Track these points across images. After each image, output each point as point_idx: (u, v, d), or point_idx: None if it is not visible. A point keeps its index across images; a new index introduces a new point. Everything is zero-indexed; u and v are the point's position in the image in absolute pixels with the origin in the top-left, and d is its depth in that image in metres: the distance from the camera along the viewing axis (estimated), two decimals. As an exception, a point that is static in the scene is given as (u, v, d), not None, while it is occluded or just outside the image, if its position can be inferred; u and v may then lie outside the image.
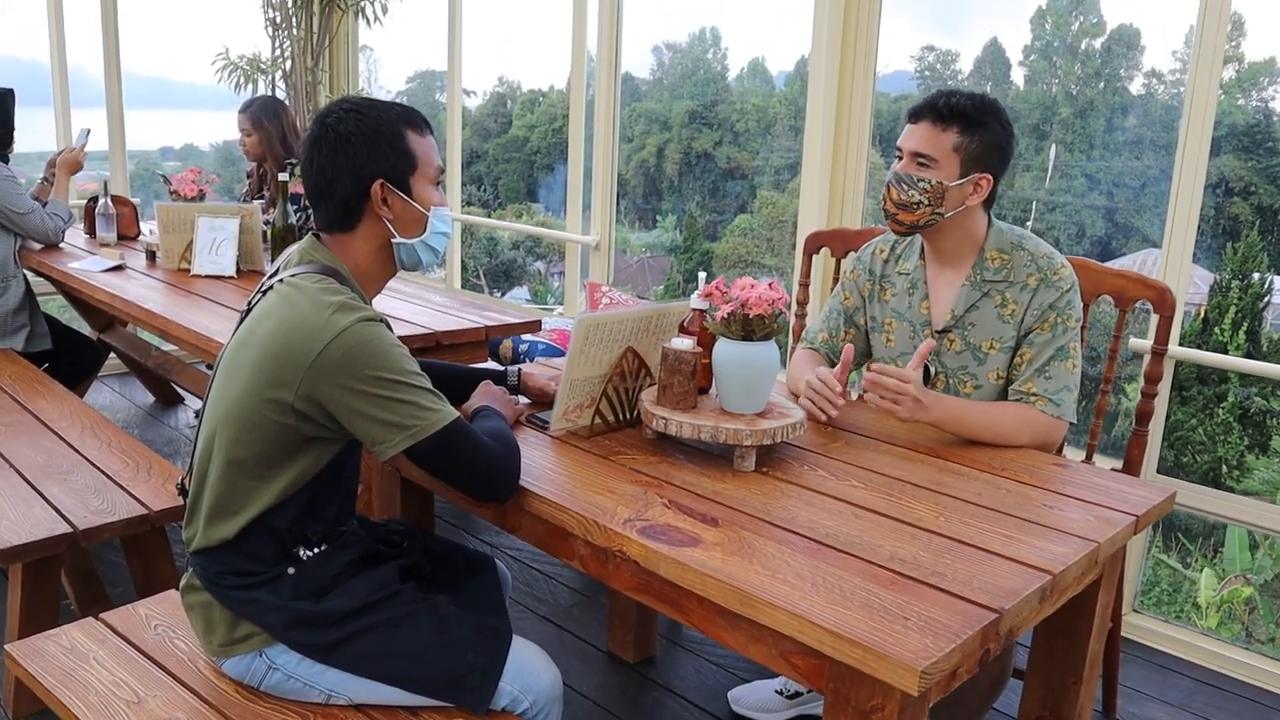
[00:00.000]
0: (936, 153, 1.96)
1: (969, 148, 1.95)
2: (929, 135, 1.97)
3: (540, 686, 1.65)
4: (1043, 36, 28.71)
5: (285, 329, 1.53)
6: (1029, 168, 26.53)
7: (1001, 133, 1.97)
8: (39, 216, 3.60)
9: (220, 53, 4.61)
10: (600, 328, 1.83)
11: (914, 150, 1.98)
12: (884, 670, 1.22)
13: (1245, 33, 25.59)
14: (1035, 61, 29.13)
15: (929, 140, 1.97)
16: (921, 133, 1.98)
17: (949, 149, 1.96)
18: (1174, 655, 2.81)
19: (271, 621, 1.58)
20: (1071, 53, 28.32)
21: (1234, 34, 25.06)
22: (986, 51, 30.67)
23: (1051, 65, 28.81)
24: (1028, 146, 26.68)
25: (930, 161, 1.97)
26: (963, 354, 2.08)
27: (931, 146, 1.96)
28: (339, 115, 1.64)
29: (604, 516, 1.55)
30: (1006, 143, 1.98)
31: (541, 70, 42.01)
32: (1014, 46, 28.97)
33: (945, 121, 1.96)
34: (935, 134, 1.96)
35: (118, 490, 2.36)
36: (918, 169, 1.98)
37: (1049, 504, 1.70)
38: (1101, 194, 25.76)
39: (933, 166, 1.97)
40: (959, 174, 1.96)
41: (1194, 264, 2.81)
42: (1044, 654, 1.88)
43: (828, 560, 1.45)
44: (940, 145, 1.96)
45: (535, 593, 2.99)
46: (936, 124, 1.96)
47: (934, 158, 1.96)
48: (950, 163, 1.96)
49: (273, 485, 1.56)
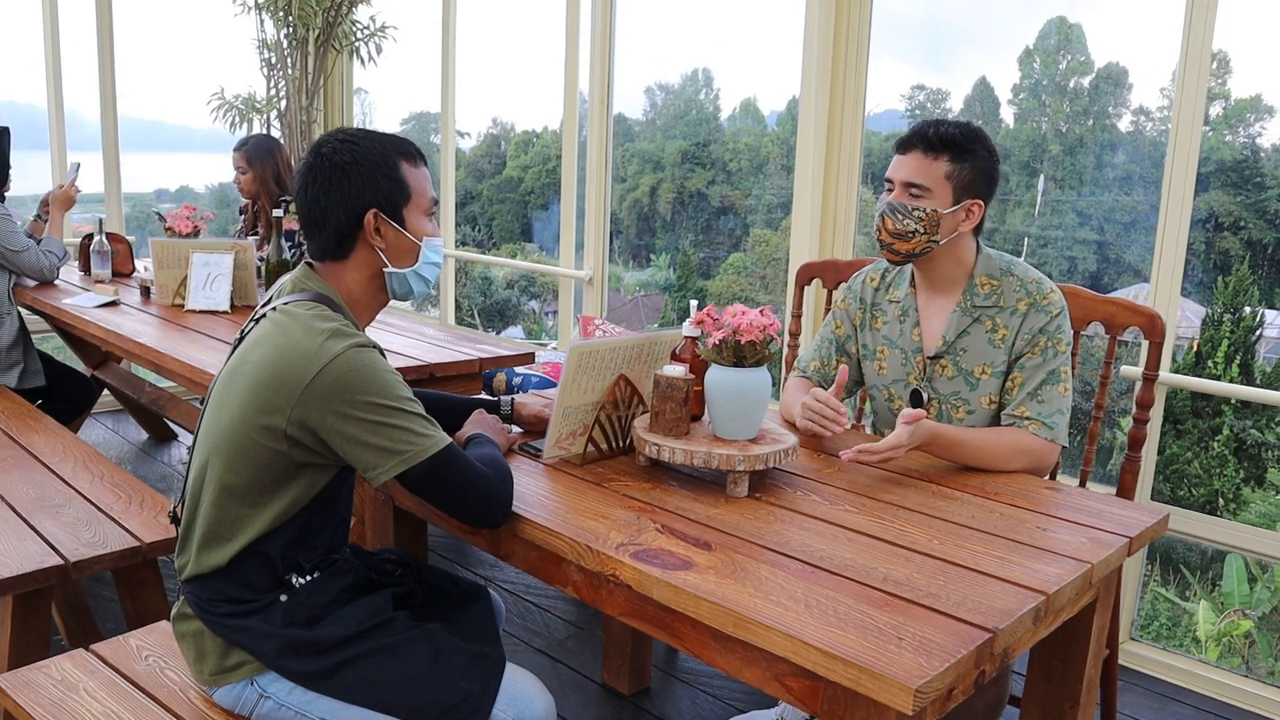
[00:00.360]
0: (929, 181, 1.98)
1: (960, 175, 1.97)
2: (920, 165, 1.99)
3: (534, 714, 1.63)
4: (1031, 75, 29.01)
5: (278, 355, 1.54)
6: (1019, 204, 26.71)
7: (989, 159, 2.00)
8: (34, 254, 3.61)
9: (216, 92, 4.65)
10: (593, 355, 1.84)
11: (906, 180, 2.01)
12: (878, 690, 1.21)
13: (1231, 70, 25.88)
14: (1024, 100, 29.41)
15: (921, 170, 1.99)
16: (913, 163, 2.00)
17: (941, 177, 1.98)
18: (1173, 684, 2.79)
19: (263, 649, 1.57)
20: (1060, 91, 28.62)
21: (1220, 71, 25.37)
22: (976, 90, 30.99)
23: (1040, 104, 29.09)
24: (1018, 183, 26.86)
25: (923, 191, 1.99)
26: (955, 379, 2.08)
27: (924, 176, 1.99)
28: (334, 145, 1.66)
29: (596, 541, 1.55)
30: (994, 168, 2.01)
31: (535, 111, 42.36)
32: (1003, 85, 29.21)
33: (936, 151, 1.98)
34: (927, 163, 1.99)
35: (109, 523, 2.35)
36: (911, 199, 2.00)
37: (1042, 526, 1.70)
38: (1092, 229, 25.91)
39: (926, 196, 1.99)
40: (951, 201, 1.99)
41: (1186, 298, 2.83)
42: (1040, 679, 1.87)
43: (821, 582, 1.44)
44: (932, 174, 1.98)
45: (530, 625, 2.97)
46: (927, 154, 1.99)
47: (927, 186, 1.99)
48: (943, 191, 1.98)
49: (265, 512, 1.56)
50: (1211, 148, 24.92)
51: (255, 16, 4.57)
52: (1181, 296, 2.77)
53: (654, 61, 42.87)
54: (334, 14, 4.56)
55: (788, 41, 3.83)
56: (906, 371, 2.14)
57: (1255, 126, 25.76)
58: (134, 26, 5.07)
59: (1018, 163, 27.36)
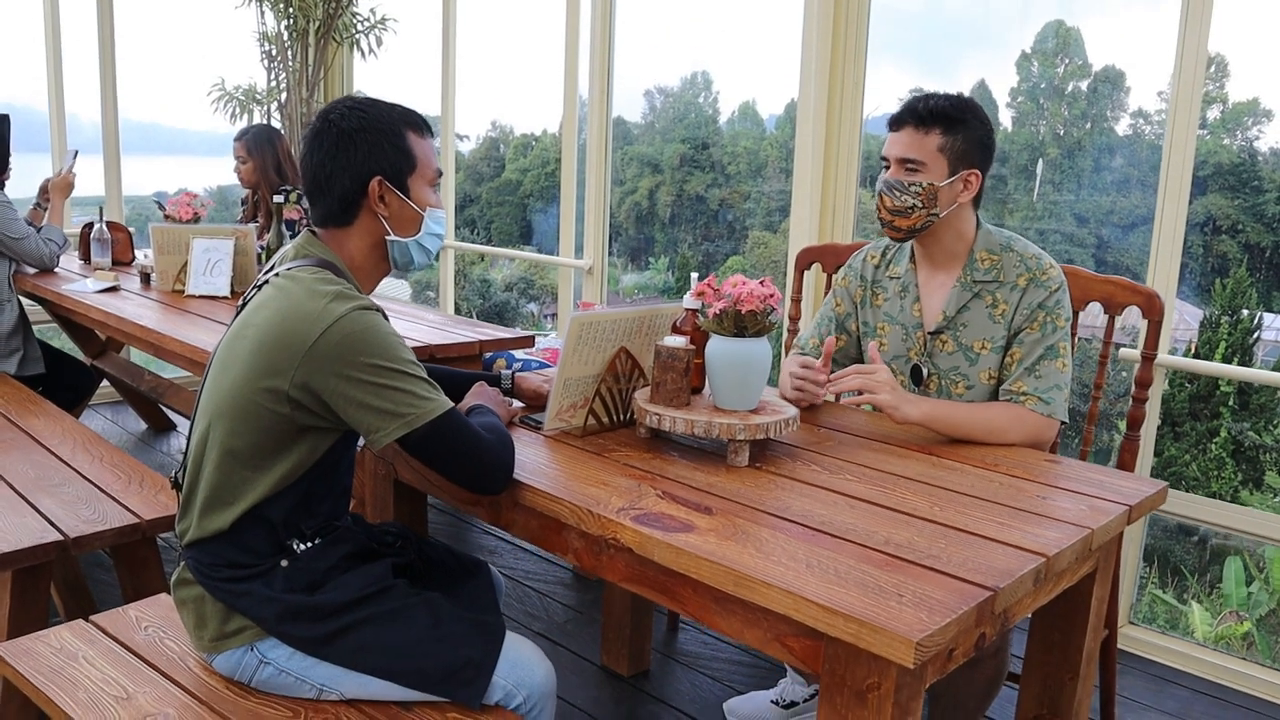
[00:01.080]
0: (923, 155, 1.99)
1: (953, 146, 1.98)
2: (913, 140, 2.00)
3: (534, 681, 1.63)
4: (1029, 79, 29.07)
5: (281, 318, 1.54)
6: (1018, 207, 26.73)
7: (982, 128, 2.01)
8: (34, 241, 3.61)
9: (216, 83, 4.65)
10: (594, 326, 1.84)
11: (900, 156, 2.01)
12: (879, 644, 1.21)
13: (1229, 74, 25.94)
14: (1023, 103, 29.45)
15: (914, 144, 2.00)
16: (905, 138, 2.01)
17: (934, 150, 1.99)
18: (1171, 666, 2.79)
19: (263, 614, 1.57)
20: (1058, 94, 28.66)
21: (1218, 74, 25.42)
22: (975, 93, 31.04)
23: (1039, 107, 29.13)
24: (1017, 186, 26.90)
25: (919, 165, 2.00)
26: (955, 355, 2.09)
27: (917, 150, 2.00)
28: (342, 111, 1.66)
29: (598, 506, 1.55)
30: (988, 137, 2.02)
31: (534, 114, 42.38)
32: (1001, 89, 29.27)
33: (927, 125, 1.99)
34: (919, 138, 2.00)
35: (109, 501, 2.35)
36: (907, 174, 2.01)
37: (1042, 495, 1.70)
38: (1090, 232, 25.96)
39: (921, 170, 2.00)
40: (948, 173, 1.99)
41: (1184, 301, 2.85)
42: (1041, 650, 1.87)
43: (822, 544, 1.45)
44: (926, 148, 1.99)
45: (529, 609, 2.97)
46: (919, 128, 2.00)
47: (921, 160, 1.99)
48: (938, 164, 1.99)
49: (268, 476, 1.56)
50: (1209, 151, 24.97)
51: (256, 8, 4.57)
52: (1179, 300, 2.78)
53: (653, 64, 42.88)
54: (334, 5, 4.56)
55: (786, 45, 3.82)
56: (907, 347, 2.14)
57: (1253, 130, 25.82)
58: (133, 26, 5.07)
59: (1016, 166, 27.39)
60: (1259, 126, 25.70)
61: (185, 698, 1.59)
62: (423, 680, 1.58)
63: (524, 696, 1.62)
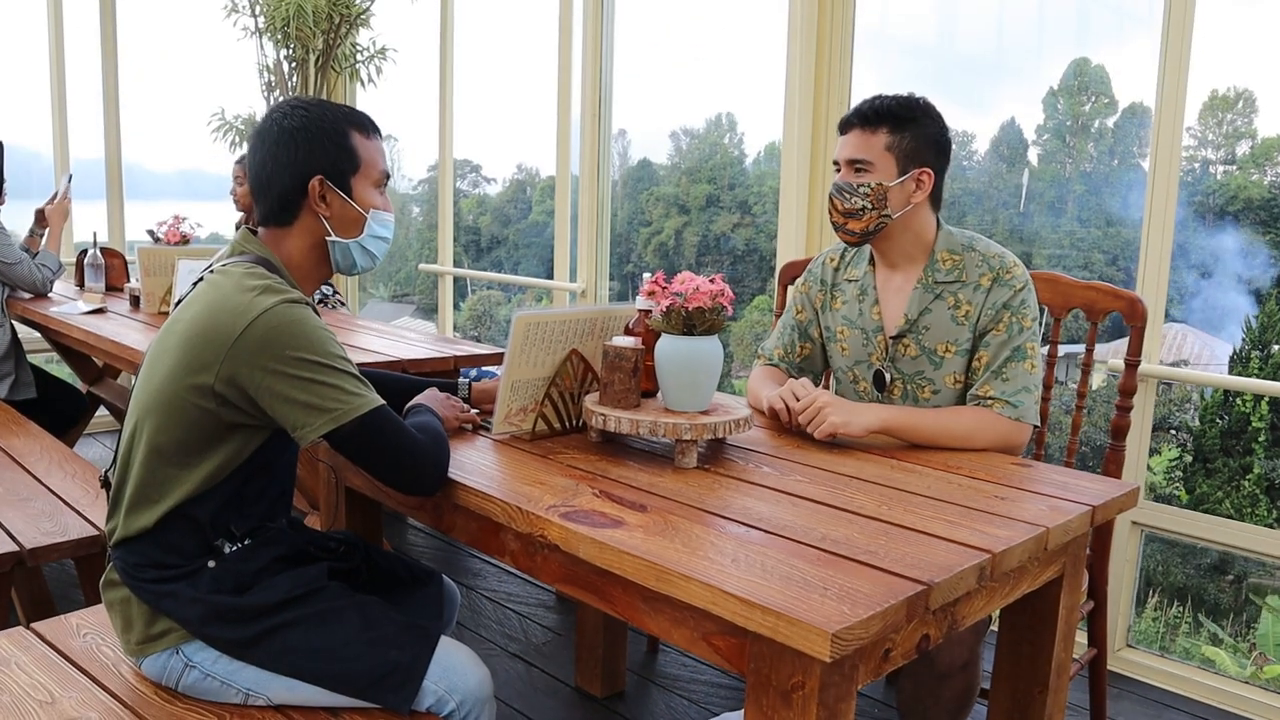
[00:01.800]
0: (870, 155, 1.95)
1: (902, 145, 1.94)
2: (860, 140, 1.97)
3: (467, 686, 1.58)
4: (1055, 116, 28.99)
5: (209, 312, 1.51)
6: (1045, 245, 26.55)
7: (934, 126, 1.96)
8: (27, 266, 3.64)
9: (216, 112, 4.70)
10: (540, 327, 1.81)
11: (849, 158, 1.98)
12: (796, 637, 1.15)
13: (1258, 109, 25.74)
14: (1049, 141, 29.36)
15: (861, 145, 1.96)
16: (853, 139, 1.98)
17: (882, 149, 1.95)
18: (1170, 690, 2.68)
19: (188, 615, 1.53)
20: (1084, 131, 28.56)
21: (1245, 110, 25.25)
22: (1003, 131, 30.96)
23: (1065, 144, 29.02)
24: (1042, 224, 26.75)
25: (866, 165, 1.96)
26: (918, 359, 2.03)
27: (864, 150, 1.96)
28: (284, 110, 1.65)
29: (528, 503, 1.50)
30: (941, 136, 1.97)
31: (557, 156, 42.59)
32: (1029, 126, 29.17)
33: (873, 124, 1.95)
34: (865, 138, 1.96)
35: (71, 514, 2.34)
36: (855, 175, 1.97)
37: (1001, 496, 1.64)
38: (1120, 269, 25.71)
39: (870, 170, 1.96)
40: (897, 173, 1.95)
41: (1213, 335, 2.79)
42: (1009, 663, 1.79)
43: (754, 541, 1.39)
44: (873, 147, 1.95)
45: (508, 631, 2.91)
46: (865, 128, 1.96)
47: (869, 160, 1.95)
48: (886, 163, 1.95)
49: (193, 474, 1.53)
50: (1239, 186, 24.72)
51: (256, 41, 4.63)
52: (1209, 334, 2.72)
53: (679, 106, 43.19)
54: (333, 36, 4.61)
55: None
56: (868, 352, 2.08)
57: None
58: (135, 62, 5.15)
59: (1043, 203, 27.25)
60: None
61: (110, 702, 1.55)
62: (349, 684, 1.53)
63: (457, 702, 1.56)
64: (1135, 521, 2.75)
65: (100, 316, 3.33)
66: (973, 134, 32.25)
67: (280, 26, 4.43)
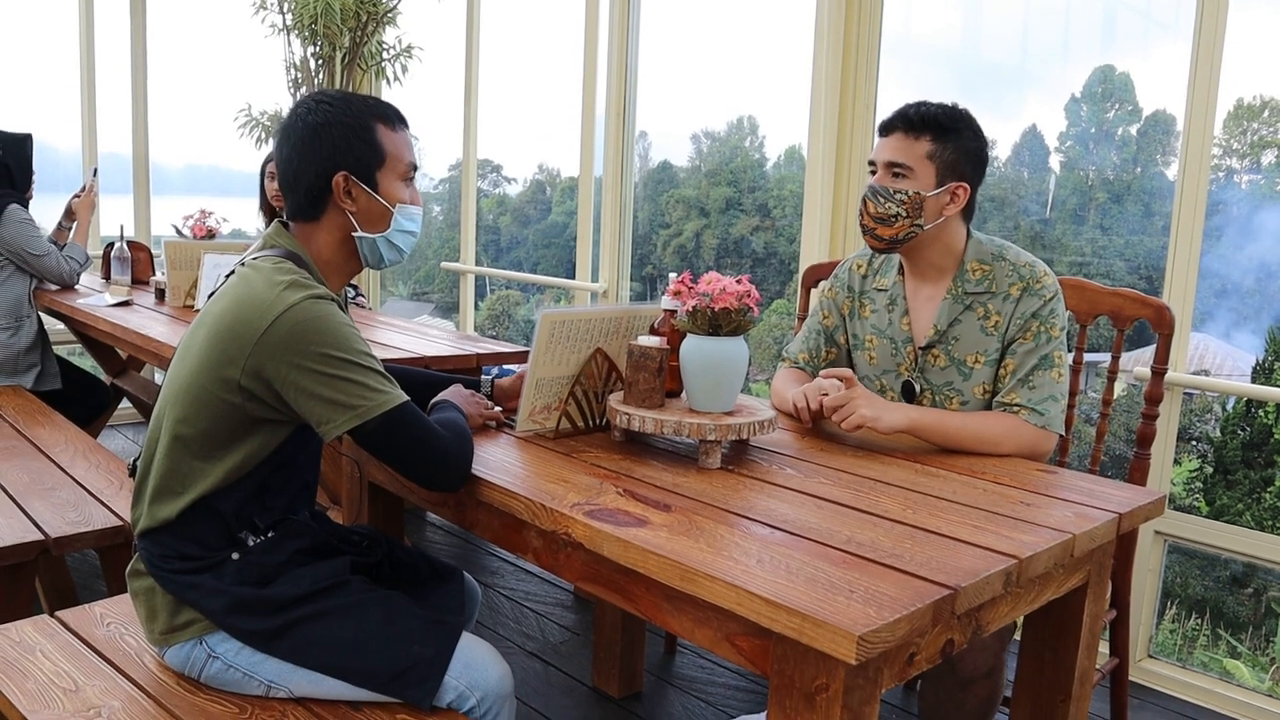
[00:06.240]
0: (911, 161, 1.93)
1: (943, 155, 1.92)
2: (902, 145, 1.94)
3: (488, 683, 1.58)
4: (1078, 123, 28.82)
5: (236, 306, 1.52)
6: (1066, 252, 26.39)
7: (975, 141, 1.94)
8: (54, 259, 3.67)
9: (243, 109, 4.73)
10: (565, 325, 1.81)
11: (888, 161, 1.95)
12: (822, 639, 1.15)
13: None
14: (1072, 148, 29.19)
15: (902, 150, 1.94)
16: (894, 143, 1.95)
17: (923, 157, 1.93)
18: (1191, 702, 2.66)
19: (212, 607, 1.54)
20: (1108, 139, 28.37)
21: (1271, 119, 25.02)
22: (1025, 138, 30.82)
23: (1088, 151, 28.85)
24: (1065, 231, 26.58)
25: (905, 171, 1.93)
26: (947, 369, 2.02)
27: (906, 155, 1.94)
28: (309, 105, 1.65)
29: (552, 500, 1.50)
30: (980, 150, 1.95)
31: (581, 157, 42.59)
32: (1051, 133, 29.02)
33: (917, 131, 1.93)
34: (908, 143, 1.94)
35: (96, 504, 2.35)
36: (893, 180, 1.95)
37: (1027, 502, 1.63)
38: (1141, 278, 25.54)
39: (908, 176, 1.93)
40: (935, 183, 1.93)
41: (1237, 346, 2.77)
42: (1031, 671, 1.78)
43: (778, 542, 1.38)
44: (914, 154, 1.93)
45: (525, 630, 2.91)
46: (909, 134, 1.94)
47: (909, 166, 1.93)
48: (925, 171, 1.93)
49: (218, 467, 1.54)
50: (1266, 197, 24.50)
51: (284, 38, 4.65)
52: (1232, 345, 2.71)
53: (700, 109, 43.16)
54: (360, 34, 4.63)
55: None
56: (897, 362, 2.07)
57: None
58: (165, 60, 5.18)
59: (1065, 210, 27.09)
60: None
61: (134, 691, 1.56)
62: (371, 678, 1.53)
63: (478, 699, 1.57)
64: (1159, 531, 2.72)
65: (126, 309, 3.36)
66: (994, 140, 32.11)
67: (308, 24, 4.46)
